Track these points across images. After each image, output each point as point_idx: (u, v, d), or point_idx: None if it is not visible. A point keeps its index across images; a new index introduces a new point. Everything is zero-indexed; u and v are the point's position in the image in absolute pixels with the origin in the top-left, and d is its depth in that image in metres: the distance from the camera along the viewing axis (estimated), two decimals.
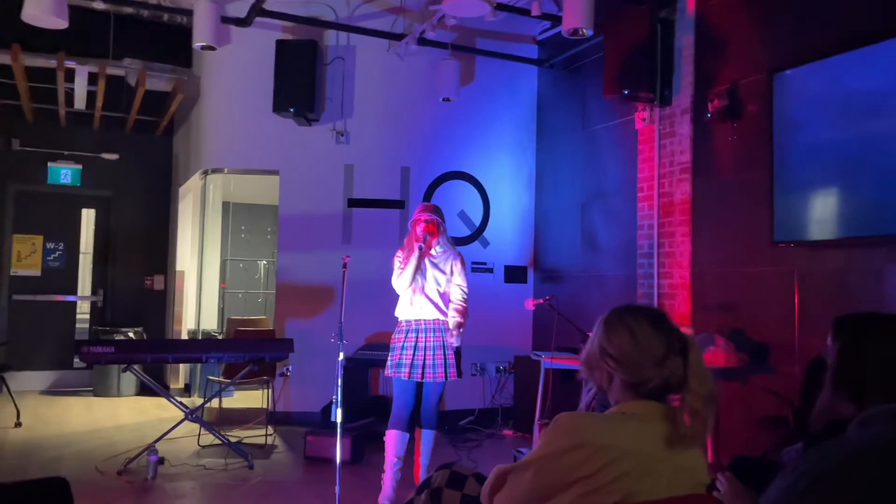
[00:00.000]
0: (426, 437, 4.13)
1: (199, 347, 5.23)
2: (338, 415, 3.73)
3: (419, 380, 4.00)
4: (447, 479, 1.98)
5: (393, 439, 4.01)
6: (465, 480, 1.97)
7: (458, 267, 4.18)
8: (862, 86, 3.87)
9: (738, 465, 2.69)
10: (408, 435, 4.05)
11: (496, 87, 6.87)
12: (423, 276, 4.11)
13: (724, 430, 4.54)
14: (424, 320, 4.07)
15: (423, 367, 3.99)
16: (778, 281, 4.36)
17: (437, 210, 4.22)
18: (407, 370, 3.98)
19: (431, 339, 4.04)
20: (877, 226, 3.78)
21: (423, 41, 6.15)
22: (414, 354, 4.00)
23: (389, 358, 4.07)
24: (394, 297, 6.48)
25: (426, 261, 4.13)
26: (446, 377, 4.01)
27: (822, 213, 4.08)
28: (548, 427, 1.59)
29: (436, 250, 4.17)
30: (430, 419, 4.11)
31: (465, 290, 4.18)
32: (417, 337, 4.05)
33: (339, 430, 3.76)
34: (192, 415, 4.90)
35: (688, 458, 1.57)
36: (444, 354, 4.03)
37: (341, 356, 3.81)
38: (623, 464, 1.49)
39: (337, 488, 3.69)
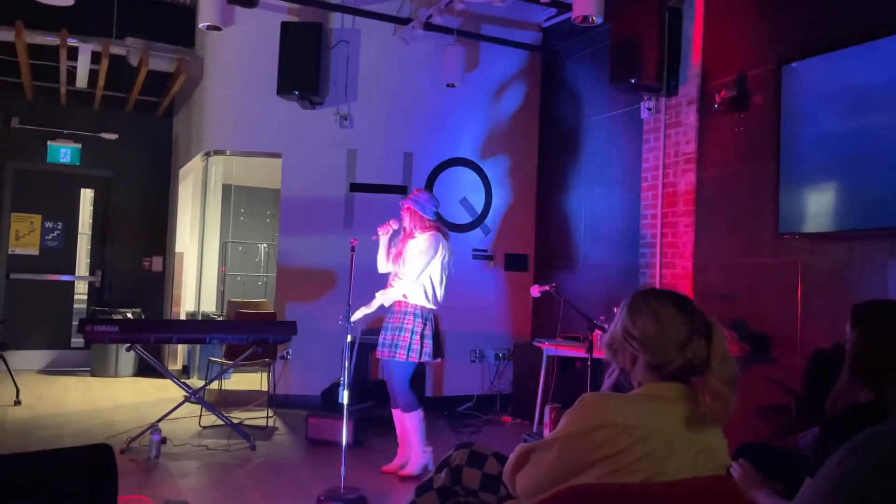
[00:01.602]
0: (395, 415, 4.31)
1: (203, 328, 5.23)
2: (345, 396, 3.75)
3: (378, 357, 4.28)
4: (467, 457, 2.00)
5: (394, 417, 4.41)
6: (485, 459, 1.99)
7: (411, 250, 4.24)
8: (870, 79, 3.88)
9: (744, 453, 2.73)
10: (397, 412, 4.32)
11: (501, 74, 6.86)
12: (401, 263, 4.30)
13: None
14: (394, 302, 4.29)
15: (383, 345, 4.22)
16: (781, 272, 4.39)
17: (414, 195, 4.35)
18: (378, 349, 4.29)
19: (395, 320, 4.25)
20: (881, 218, 3.81)
21: (428, 26, 6.13)
22: (383, 333, 4.28)
23: None
24: None
25: (406, 246, 4.30)
26: (392, 356, 4.16)
27: (828, 206, 4.11)
28: (573, 406, 1.61)
29: (418, 235, 4.30)
30: (393, 399, 4.28)
31: (408, 273, 4.19)
32: (387, 318, 4.32)
33: (345, 412, 3.78)
34: (194, 395, 4.91)
35: (710, 440, 1.59)
36: (400, 336, 4.17)
37: (349, 338, 3.83)
38: (648, 444, 1.51)
39: (342, 468, 3.72)
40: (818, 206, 4.15)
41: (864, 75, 3.91)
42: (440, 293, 4.31)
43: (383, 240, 4.39)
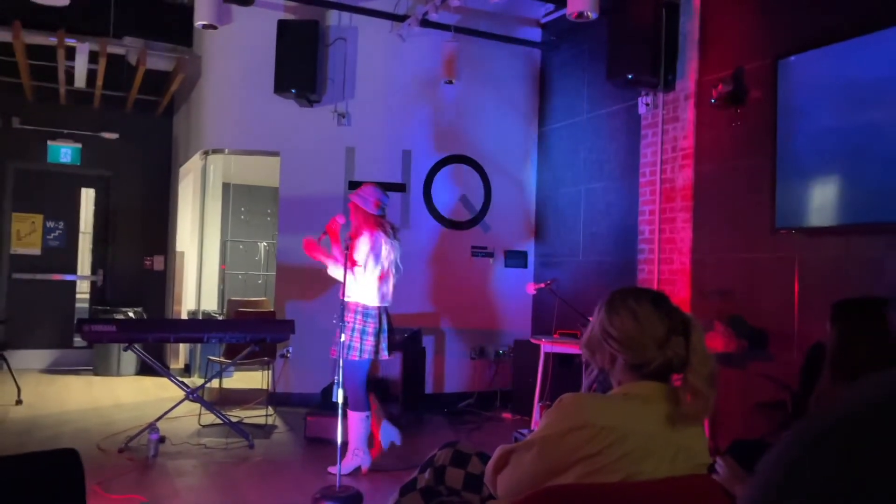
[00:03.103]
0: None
1: (201, 327, 5.25)
2: (339, 395, 3.75)
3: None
4: (451, 457, 2.00)
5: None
6: (468, 459, 1.99)
7: (357, 250, 4.20)
8: (867, 73, 3.86)
9: (737, 449, 2.72)
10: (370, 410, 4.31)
11: (499, 71, 6.84)
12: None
13: (720, 415, 4.56)
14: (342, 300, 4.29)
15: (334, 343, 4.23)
16: (778, 268, 4.38)
17: (363, 188, 4.31)
18: None
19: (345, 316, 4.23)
20: (878, 213, 3.78)
21: (425, 23, 6.11)
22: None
23: None
24: (397, 281, 6.52)
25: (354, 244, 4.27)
26: (339, 354, 4.13)
27: (824, 200, 4.09)
28: (551, 408, 1.60)
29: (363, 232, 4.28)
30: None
31: (357, 274, 4.16)
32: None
33: (339, 411, 3.78)
34: (192, 394, 4.92)
35: (689, 439, 1.58)
36: (340, 332, 4.15)
37: (343, 337, 3.83)
38: (626, 444, 1.51)
39: (338, 467, 3.73)
40: (815, 201, 4.12)
41: (861, 69, 3.88)
42: (387, 290, 4.28)
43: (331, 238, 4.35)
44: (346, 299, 4.21)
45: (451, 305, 6.60)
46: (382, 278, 4.24)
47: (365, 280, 4.14)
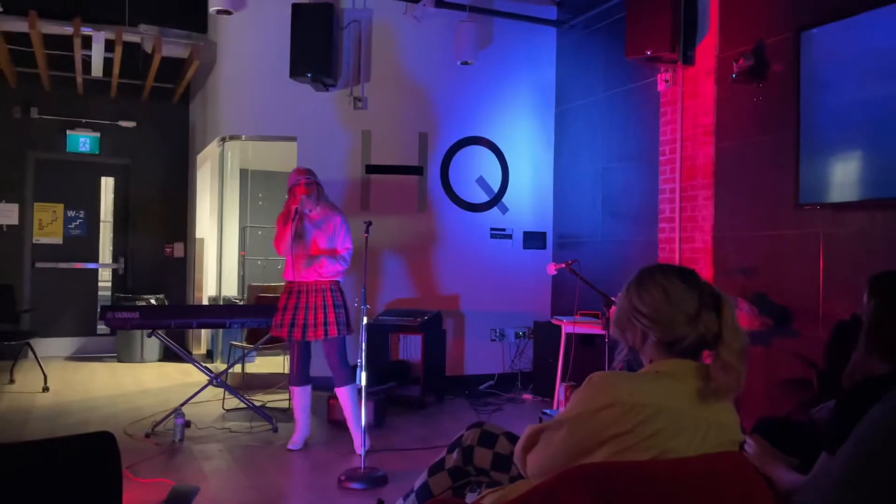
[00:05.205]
0: (340, 395, 4.33)
1: (223, 313, 5.28)
2: (362, 378, 3.77)
3: (299, 339, 4.24)
4: (478, 437, 2.00)
5: (292, 394, 4.49)
6: (496, 439, 1.99)
7: (341, 227, 4.29)
8: (892, 44, 3.77)
9: (764, 427, 2.69)
10: (306, 388, 4.42)
11: (515, 50, 6.78)
12: (306, 240, 4.25)
13: (745, 393, 4.53)
14: (306, 283, 4.26)
15: (304, 327, 4.20)
16: (802, 244, 4.32)
17: (310, 172, 4.35)
18: (287, 329, 4.23)
19: (312, 299, 4.23)
20: None
21: (440, 3, 6.07)
22: (294, 315, 4.23)
23: (274, 317, 4.34)
24: (416, 264, 6.51)
25: (308, 224, 4.26)
26: (326, 335, 4.18)
27: (849, 175, 4.02)
28: (581, 386, 1.59)
29: (332, 213, 4.33)
30: (338, 377, 4.29)
31: (346, 253, 4.29)
32: (299, 298, 4.25)
33: (363, 394, 3.80)
34: (216, 379, 4.97)
35: (721, 416, 1.57)
36: (325, 313, 4.19)
37: (365, 320, 3.84)
38: (657, 422, 1.49)
39: (363, 449, 3.75)
40: (840, 176, 4.06)
41: (885, 40, 3.80)
42: (297, 266, 4.33)
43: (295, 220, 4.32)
44: (322, 277, 4.27)
45: (471, 287, 6.60)
46: (291, 255, 4.25)
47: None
